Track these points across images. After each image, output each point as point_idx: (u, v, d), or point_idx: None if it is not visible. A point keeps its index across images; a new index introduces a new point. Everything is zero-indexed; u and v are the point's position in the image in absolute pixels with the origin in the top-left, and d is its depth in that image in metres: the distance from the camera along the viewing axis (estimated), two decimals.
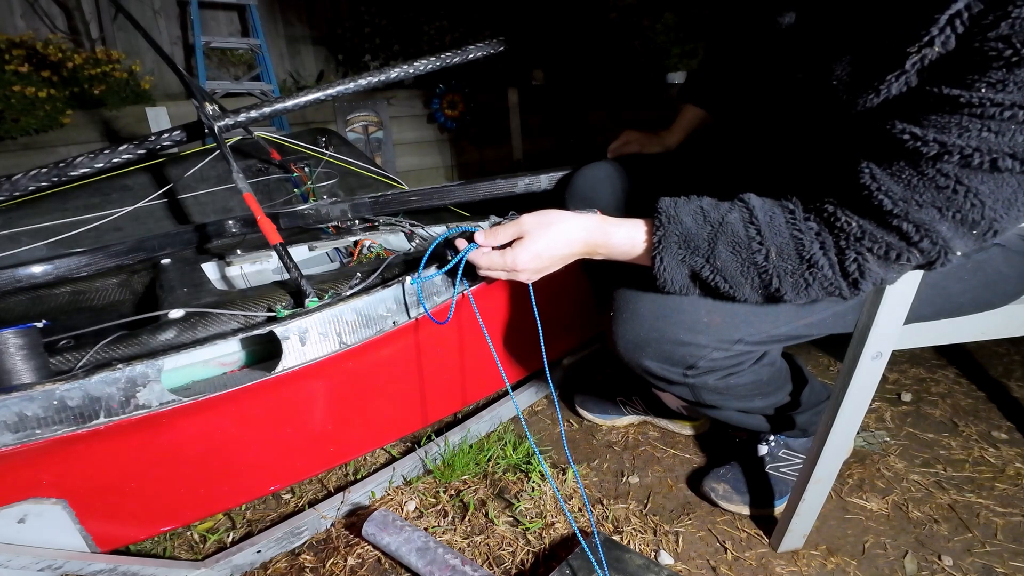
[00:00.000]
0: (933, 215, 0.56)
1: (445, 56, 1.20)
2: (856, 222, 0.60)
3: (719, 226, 0.67)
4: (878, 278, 0.62)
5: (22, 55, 2.73)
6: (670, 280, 0.71)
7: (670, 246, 0.69)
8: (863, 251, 0.61)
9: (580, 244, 0.74)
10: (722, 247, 0.66)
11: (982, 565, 0.89)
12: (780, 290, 0.66)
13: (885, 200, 0.57)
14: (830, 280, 0.63)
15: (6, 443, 0.66)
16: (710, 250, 0.67)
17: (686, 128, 1.21)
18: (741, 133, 1.03)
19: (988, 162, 0.51)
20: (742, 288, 0.68)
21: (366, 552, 0.95)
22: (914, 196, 0.55)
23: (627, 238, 0.73)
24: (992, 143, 0.50)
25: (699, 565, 0.91)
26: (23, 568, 0.74)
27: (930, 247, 0.58)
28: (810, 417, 0.98)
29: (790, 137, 0.81)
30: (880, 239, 0.59)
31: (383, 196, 1.34)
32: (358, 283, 0.93)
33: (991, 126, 0.50)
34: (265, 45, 3.51)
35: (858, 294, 0.64)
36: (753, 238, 0.65)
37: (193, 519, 0.95)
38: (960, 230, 0.56)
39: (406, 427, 1.11)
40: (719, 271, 0.67)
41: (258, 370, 0.86)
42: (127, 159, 1.10)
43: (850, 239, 0.61)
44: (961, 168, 0.52)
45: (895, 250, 0.59)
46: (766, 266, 0.65)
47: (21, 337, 0.71)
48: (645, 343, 0.80)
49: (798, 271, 0.64)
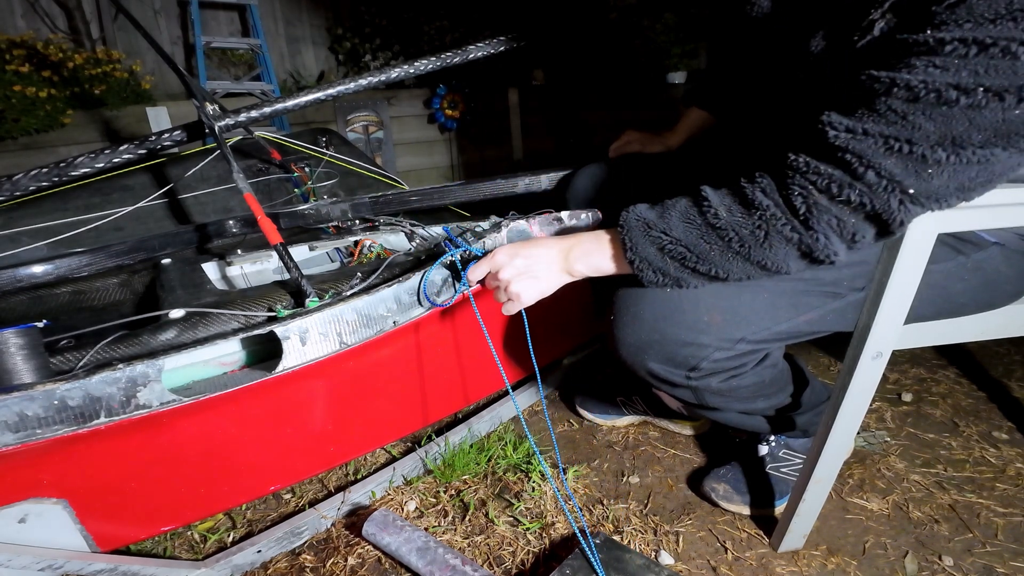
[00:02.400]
0: (878, 147, 0.56)
1: (445, 56, 1.20)
2: (802, 158, 0.61)
3: (672, 206, 0.71)
4: (833, 219, 0.60)
5: (23, 55, 2.74)
6: (642, 258, 0.72)
7: (633, 228, 0.72)
8: (806, 185, 0.60)
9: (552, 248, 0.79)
10: (676, 220, 0.69)
11: (983, 565, 0.89)
12: (744, 246, 0.65)
13: (830, 131, 0.58)
14: (781, 220, 0.62)
15: (7, 443, 0.66)
16: (666, 224, 0.69)
17: (689, 129, 1.21)
18: (742, 133, 1.03)
19: (933, 95, 0.52)
20: (710, 257, 0.68)
21: (366, 552, 0.95)
22: (860, 127, 0.56)
23: (595, 236, 0.78)
24: (936, 76, 0.51)
25: (699, 565, 0.91)
26: (24, 568, 0.74)
27: (876, 180, 0.56)
28: (810, 417, 0.98)
29: (785, 133, 0.81)
30: (823, 171, 0.59)
31: (383, 196, 1.34)
32: (358, 283, 0.93)
33: (935, 61, 0.51)
34: (265, 45, 3.51)
35: (820, 241, 0.62)
36: (701, 203, 0.68)
37: (193, 519, 0.95)
38: (909, 167, 0.55)
39: (406, 427, 1.11)
40: (679, 242, 0.69)
41: (258, 370, 0.86)
42: (127, 159, 1.10)
43: (795, 175, 0.61)
44: (908, 103, 0.53)
45: (836, 182, 0.58)
46: (719, 223, 0.66)
47: (22, 337, 0.71)
48: (647, 345, 0.80)
49: (750, 221, 0.64)
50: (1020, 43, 0.47)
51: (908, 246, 0.68)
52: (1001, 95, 0.49)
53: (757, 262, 0.67)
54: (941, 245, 0.71)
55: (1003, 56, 0.48)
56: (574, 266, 0.78)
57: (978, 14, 0.48)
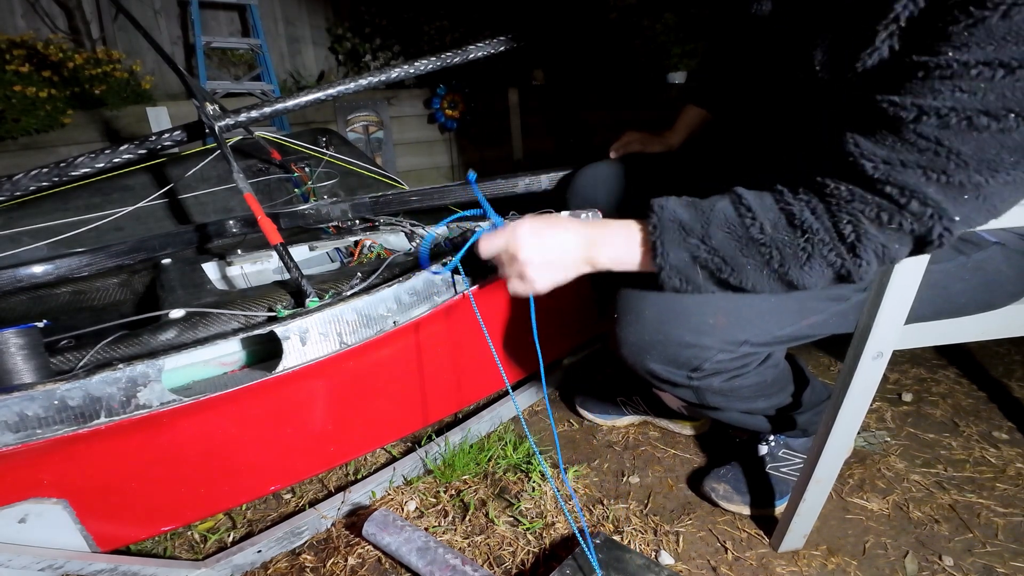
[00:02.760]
0: (918, 177, 0.55)
1: (445, 56, 1.20)
2: (844, 186, 0.60)
3: (711, 212, 0.67)
4: (879, 246, 0.60)
5: (23, 55, 2.74)
6: (672, 265, 0.68)
7: (667, 230, 0.67)
8: (855, 212, 0.60)
9: (578, 234, 0.73)
10: (715, 228, 0.66)
11: (983, 565, 0.89)
12: (783, 265, 0.64)
13: (867, 164, 0.57)
14: (828, 246, 0.61)
15: (7, 443, 0.66)
16: (704, 232, 0.66)
17: (688, 127, 1.21)
18: (742, 131, 1.03)
19: (964, 121, 0.51)
20: (745, 271, 0.66)
21: (366, 552, 0.95)
22: (897, 158, 0.56)
23: (623, 228, 0.72)
24: (965, 102, 0.51)
25: (699, 565, 0.91)
26: (24, 568, 0.74)
27: (920, 209, 0.57)
28: (811, 417, 0.98)
29: (786, 130, 0.81)
30: (870, 201, 0.59)
31: (383, 196, 1.34)
32: (358, 283, 0.93)
33: (962, 86, 0.51)
34: (265, 45, 3.51)
35: (863, 267, 0.62)
36: (744, 215, 0.65)
37: (194, 519, 0.95)
38: (949, 193, 0.55)
39: (406, 427, 1.11)
40: (716, 252, 0.66)
41: (259, 370, 0.86)
42: (128, 159, 1.10)
43: (841, 202, 0.60)
44: (940, 129, 0.53)
45: (886, 212, 0.58)
46: (763, 239, 0.64)
47: (22, 337, 0.71)
48: (650, 346, 0.80)
49: (795, 242, 0.63)
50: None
51: None
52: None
53: (789, 280, 0.66)
54: None
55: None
56: (597, 258, 0.73)
57: (1000, 36, 0.48)
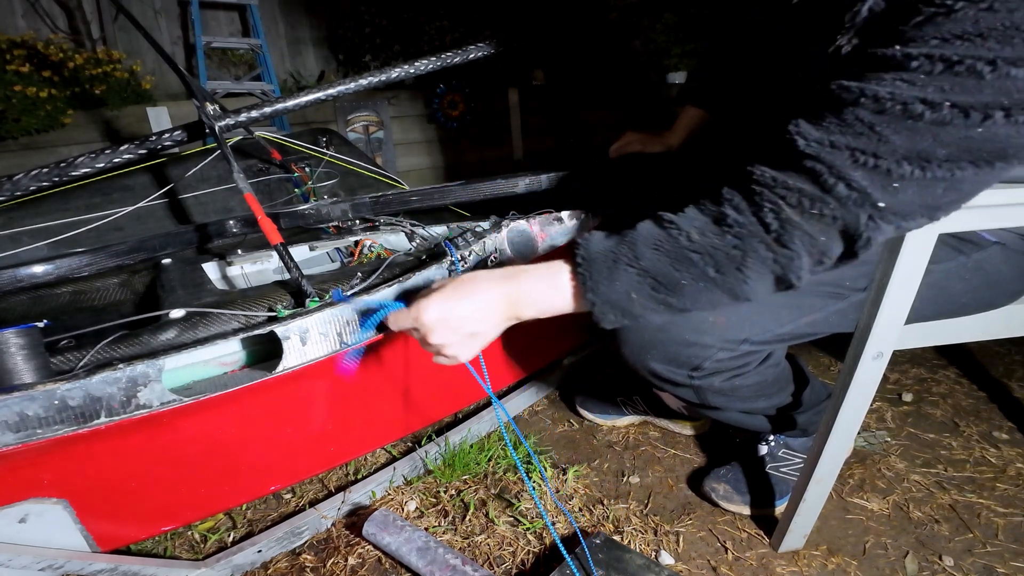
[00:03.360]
0: (846, 159, 0.55)
1: (445, 56, 1.20)
2: (771, 172, 0.58)
3: (635, 234, 0.64)
4: (805, 235, 0.58)
5: (23, 55, 2.74)
6: (605, 300, 0.64)
7: (594, 263, 0.64)
8: (776, 200, 0.58)
9: (494, 294, 0.68)
10: (643, 248, 0.63)
11: (983, 565, 0.89)
12: (720, 271, 0.61)
13: (800, 140, 0.56)
14: (757, 238, 0.59)
15: (7, 443, 0.66)
16: (632, 254, 0.63)
17: (687, 128, 1.21)
18: (740, 131, 1.03)
19: (900, 107, 0.52)
20: (681, 288, 0.62)
21: (367, 552, 0.95)
22: (829, 138, 0.55)
23: (545, 273, 0.68)
24: (904, 90, 0.51)
25: (700, 565, 0.91)
26: (24, 568, 0.74)
27: (845, 193, 0.55)
28: (810, 417, 0.98)
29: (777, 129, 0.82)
30: (792, 186, 0.57)
31: (384, 196, 1.33)
32: (359, 283, 0.93)
33: (903, 76, 0.51)
34: (266, 45, 3.51)
35: (794, 260, 0.59)
36: (669, 228, 0.62)
37: (194, 519, 0.95)
38: (876, 180, 0.54)
39: (407, 427, 1.11)
40: (648, 273, 0.63)
41: (259, 370, 0.86)
42: (128, 159, 1.10)
43: (764, 190, 0.58)
44: (875, 114, 0.53)
45: (807, 196, 0.56)
46: (693, 247, 0.61)
47: (22, 337, 0.71)
48: (651, 345, 0.80)
49: (726, 242, 0.60)
50: (985, 62, 0.48)
51: (909, 246, 0.68)
52: (966, 112, 0.50)
53: (728, 289, 0.62)
54: (941, 245, 0.71)
55: (968, 74, 0.49)
56: (521, 313, 0.69)
57: (945, 31, 0.49)
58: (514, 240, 1.04)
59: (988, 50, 0.47)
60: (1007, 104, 0.48)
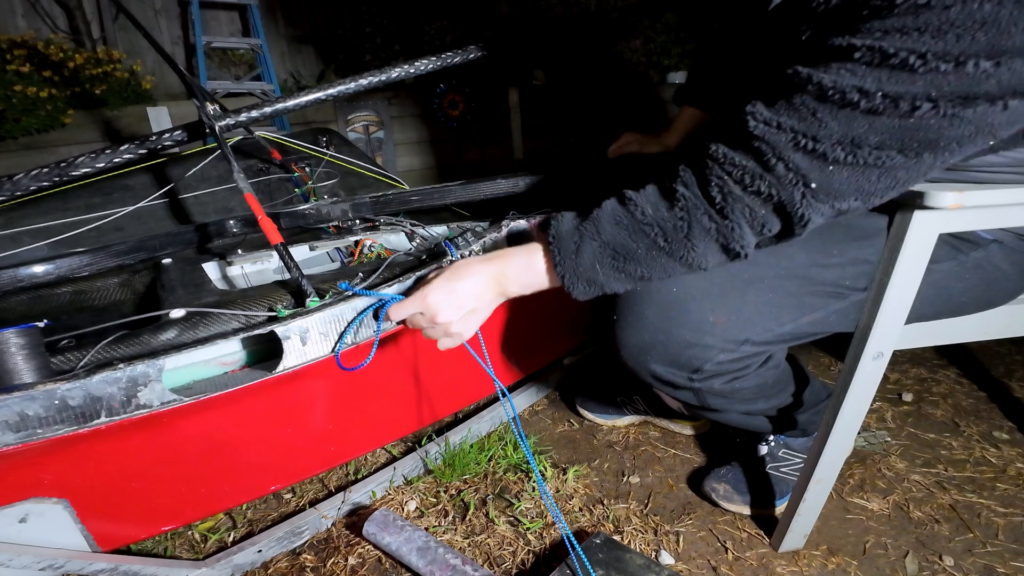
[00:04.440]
0: (788, 140, 0.58)
1: (445, 56, 1.20)
2: (722, 148, 0.62)
3: (599, 210, 0.71)
4: (746, 208, 0.62)
5: (23, 55, 2.73)
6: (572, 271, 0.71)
7: (563, 238, 0.71)
8: (723, 175, 0.62)
9: (485, 275, 0.75)
10: (605, 223, 0.69)
11: (983, 565, 0.89)
12: (669, 241, 0.66)
13: (751, 120, 0.59)
14: (701, 210, 0.64)
15: (7, 443, 0.66)
16: (595, 228, 0.69)
17: (684, 128, 1.21)
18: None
19: (838, 95, 0.54)
20: (638, 257, 0.68)
21: (367, 552, 0.95)
22: (776, 119, 0.58)
23: (524, 253, 0.76)
24: (845, 79, 0.53)
25: (700, 565, 0.91)
26: (24, 567, 0.74)
27: (783, 172, 0.58)
28: (811, 417, 0.98)
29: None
30: (738, 163, 0.61)
31: (384, 196, 1.33)
32: (359, 283, 0.93)
33: (847, 66, 0.54)
34: (266, 45, 3.51)
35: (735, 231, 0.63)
36: (628, 203, 0.68)
37: (194, 518, 0.95)
38: (813, 162, 0.57)
39: (407, 427, 1.11)
40: (608, 245, 0.69)
41: (259, 370, 0.86)
42: (128, 159, 1.10)
43: (714, 166, 0.63)
44: (817, 100, 0.55)
45: (749, 173, 0.60)
46: (645, 219, 0.67)
47: (22, 337, 0.71)
48: (651, 347, 0.80)
49: (674, 215, 0.65)
50: (917, 55, 0.50)
51: (909, 246, 0.68)
52: (896, 101, 0.52)
53: (680, 258, 0.67)
54: (941, 244, 0.71)
55: (901, 67, 0.51)
56: (508, 289, 0.76)
57: (888, 25, 0.51)
58: (514, 240, 1.04)
59: (922, 44, 0.49)
60: (935, 96, 0.51)
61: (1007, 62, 0.48)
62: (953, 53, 0.48)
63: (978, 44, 0.48)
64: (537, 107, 3.94)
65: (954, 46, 0.48)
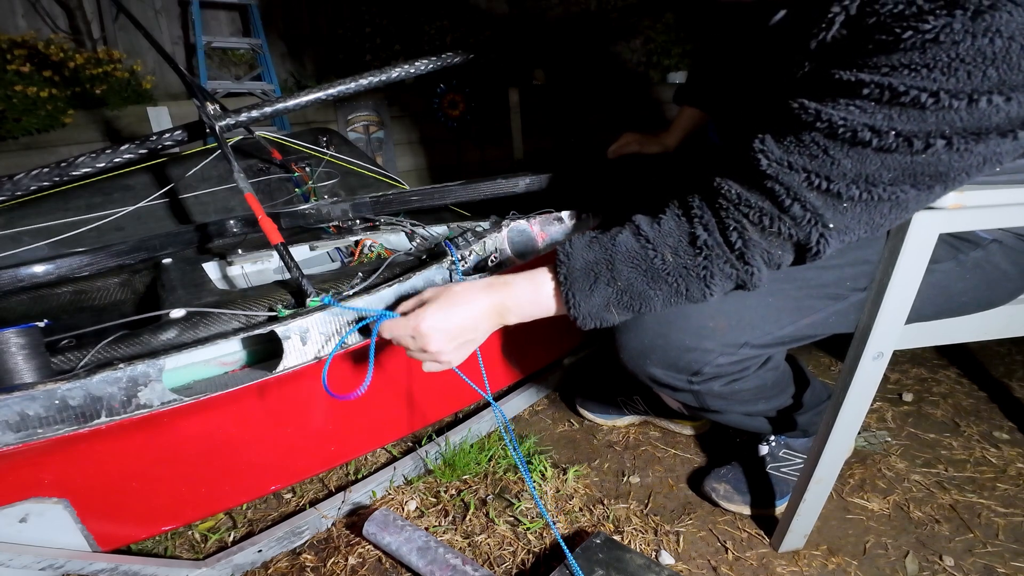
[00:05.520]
0: (801, 181, 0.58)
1: (445, 56, 1.20)
2: (735, 188, 0.62)
3: (613, 247, 0.68)
4: (764, 252, 0.62)
5: (24, 55, 2.73)
6: (586, 313, 0.69)
7: (576, 280, 0.68)
8: (740, 218, 0.62)
9: (484, 304, 0.71)
10: (621, 265, 0.67)
11: (983, 565, 0.89)
12: (689, 290, 0.66)
13: (762, 159, 0.59)
14: (723, 258, 0.63)
15: (8, 442, 0.66)
16: (611, 272, 0.67)
17: (684, 128, 1.21)
18: (733, 131, 1.03)
19: (849, 133, 0.54)
20: (652, 302, 0.68)
21: (367, 551, 0.95)
22: (788, 158, 0.58)
23: (528, 284, 0.72)
24: (856, 116, 0.53)
25: (700, 565, 0.91)
26: (24, 567, 0.74)
27: (800, 213, 0.59)
28: (811, 417, 0.98)
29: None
30: (754, 204, 0.61)
31: (384, 196, 1.34)
32: (359, 283, 0.93)
33: (856, 102, 0.53)
34: (266, 45, 3.51)
35: (754, 274, 0.64)
36: (646, 247, 0.66)
37: (194, 518, 0.95)
38: (828, 201, 0.58)
39: (407, 427, 1.11)
40: (625, 291, 0.67)
41: (259, 370, 0.86)
42: (128, 159, 1.10)
43: (730, 207, 0.62)
44: (828, 138, 0.55)
45: (767, 215, 0.60)
46: (666, 269, 0.66)
47: (23, 336, 0.71)
48: (650, 350, 0.80)
49: (696, 263, 0.65)
50: (929, 93, 0.50)
51: (910, 246, 0.68)
52: (910, 140, 0.52)
53: (693, 299, 0.67)
54: (941, 244, 0.71)
55: (912, 105, 0.51)
56: (507, 319, 0.74)
57: (895, 60, 0.51)
58: (514, 240, 1.04)
59: (932, 82, 0.49)
60: (948, 133, 0.51)
61: (1017, 96, 0.48)
62: (966, 91, 0.48)
63: (990, 80, 0.48)
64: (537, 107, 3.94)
65: (966, 83, 0.48)
